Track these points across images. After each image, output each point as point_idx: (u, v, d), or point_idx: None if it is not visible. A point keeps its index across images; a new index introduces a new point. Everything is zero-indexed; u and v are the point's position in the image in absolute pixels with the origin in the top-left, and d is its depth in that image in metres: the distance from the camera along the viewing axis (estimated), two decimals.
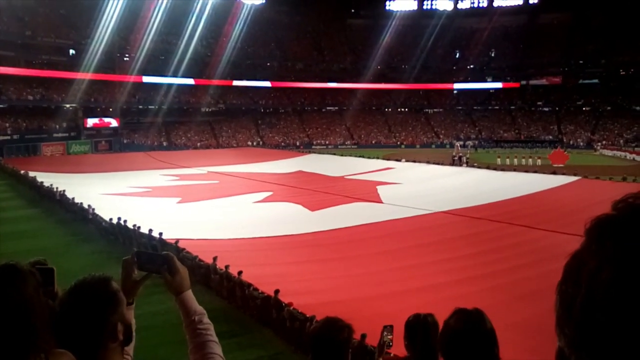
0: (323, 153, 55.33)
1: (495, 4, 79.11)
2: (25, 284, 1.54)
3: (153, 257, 2.06)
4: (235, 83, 71.63)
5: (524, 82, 76.26)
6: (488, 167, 37.85)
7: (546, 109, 74.50)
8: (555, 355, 0.74)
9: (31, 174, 33.83)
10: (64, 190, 26.52)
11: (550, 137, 67.89)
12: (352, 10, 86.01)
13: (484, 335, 1.81)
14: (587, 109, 71.42)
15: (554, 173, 33.13)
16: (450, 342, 1.82)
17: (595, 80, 71.70)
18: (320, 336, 2.25)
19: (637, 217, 0.66)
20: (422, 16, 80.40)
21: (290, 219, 21.85)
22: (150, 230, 17.66)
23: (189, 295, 2.03)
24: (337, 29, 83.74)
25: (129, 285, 2.02)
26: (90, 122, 59.25)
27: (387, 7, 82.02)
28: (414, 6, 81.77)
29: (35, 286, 1.57)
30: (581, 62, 73.34)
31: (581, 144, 64.38)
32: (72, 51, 60.45)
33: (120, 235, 19.56)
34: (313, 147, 67.19)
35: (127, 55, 63.99)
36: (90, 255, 18.24)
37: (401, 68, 78.83)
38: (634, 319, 0.60)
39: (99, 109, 61.44)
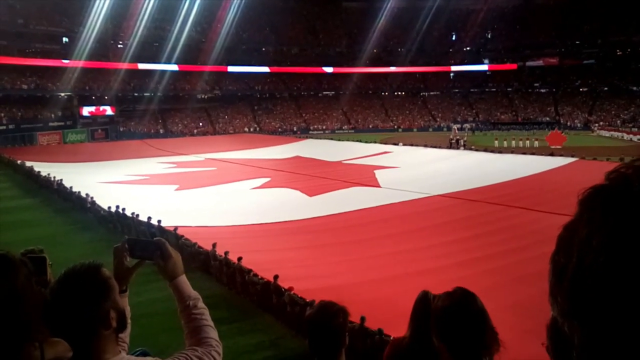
0: (320, 138, 55.25)
1: None
2: (17, 273, 1.54)
3: (145, 243, 2.06)
4: (230, 69, 71.25)
5: (520, 64, 75.90)
6: (486, 150, 37.88)
7: (543, 91, 74.35)
8: (548, 325, 0.75)
9: (28, 163, 33.75)
10: (61, 180, 26.49)
11: (548, 118, 67.84)
12: None
13: (474, 315, 1.82)
14: (584, 89, 71.24)
15: (552, 154, 33.16)
16: (440, 322, 1.84)
17: (592, 61, 71.42)
18: (316, 321, 2.26)
19: (628, 186, 0.67)
20: None
21: (289, 204, 21.86)
22: (149, 218, 17.67)
23: (183, 280, 2.03)
24: (332, 13, 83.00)
25: (121, 272, 2.02)
26: (86, 110, 59.00)
27: None
28: None
29: (27, 275, 1.58)
30: (578, 42, 73.02)
31: (578, 125, 64.37)
32: (65, 39, 59.96)
33: (119, 224, 19.58)
34: (310, 132, 67.05)
35: (120, 42, 63.50)
36: (89, 243, 18.25)
37: (397, 51, 78.36)
38: (623, 285, 0.60)
39: (94, 97, 61.14)
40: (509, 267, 13.13)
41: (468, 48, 78.84)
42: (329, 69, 76.81)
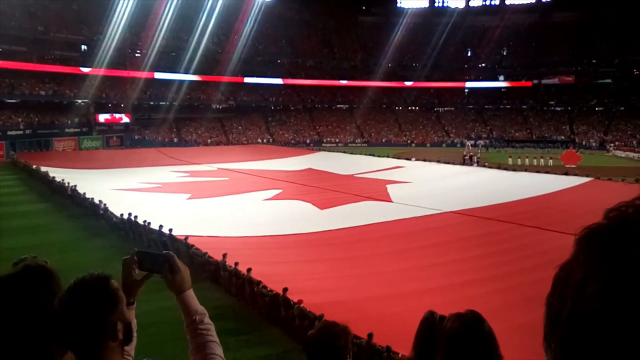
0: (333, 151, 55.28)
1: (507, 2, 78.61)
2: (58, 284, 1.64)
3: (154, 256, 2.06)
4: (247, 80, 71.81)
5: (536, 81, 75.65)
6: (499, 167, 37.61)
7: (558, 109, 73.95)
8: None
9: (43, 169, 34.12)
10: (75, 186, 26.74)
11: (563, 137, 67.35)
12: (363, 8, 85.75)
13: (482, 338, 1.80)
14: (600, 109, 70.75)
15: (566, 174, 32.88)
16: (448, 345, 1.82)
17: (609, 80, 71.01)
18: (317, 342, 2.24)
19: (628, 227, 0.62)
20: (434, 14, 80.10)
21: (300, 217, 21.85)
22: (161, 226, 17.75)
23: (190, 294, 2.03)
24: (348, 26, 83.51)
25: (129, 284, 2.02)
26: (102, 117, 59.67)
27: (399, 5, 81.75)
28: (425, 4, 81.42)
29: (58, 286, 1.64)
30: (594, 61, 72.66)
31: (594, 144, 63.82)
32: (84, 47, 60.87)
33: (131, 231, 19.69)
34: (323, 144, 67.17)
35: (138, 51, 64.29)
36: (101, 250, 18.37)
37: (412, 66, 78.52)
38: (619, 337, 0.57)
39: (110, 105, 61.88)
40: (519, 288, 12.96)
41: (483, 64, 78.80)
42: (343, 82, 77.08)
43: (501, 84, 78.53)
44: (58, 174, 31.45)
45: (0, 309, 1.52)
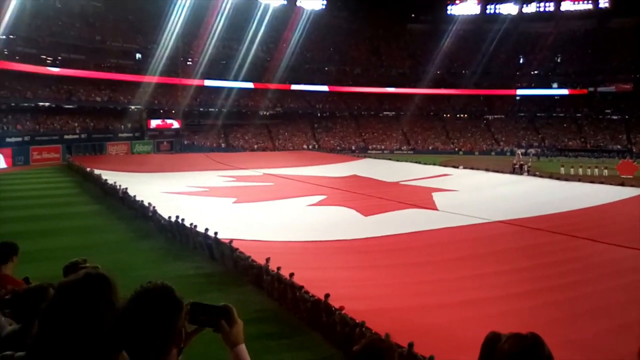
0: (378, 158, 54.99)
1: (562, 9, 76.37)
2: (115, 293, 1.67)
3: (209, 308, 1.96)
4: (294, 87, 72.48)
5: (591, 89, 73.09)
6: (551, 177, 36.39)
7: (615, 117, 71.16)
8: None
9: (96, 171, 35.37)
10: (126, 188, 27.56)
11: (619, 146, 64.64)
12: (413, 15, 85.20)
13: None
14: None
15: (622, 184, 31.50)
16: None
17: None
18: (362, 358, 2.20)
19: None
20: (485, 20, 78.72)
21: (343, 223, 21.79)
22: (206, 230, 18.06)
23: (243, 349, 2.00)
24: (397, 34, 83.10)
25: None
26: (154, 123, 61.48)
27: (449, 12, 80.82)
28: (476, 10, 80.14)
29: (116, 295, 1.68)
30: None
31: None
32: (138, 55, 63.03)
33: (178, 233, 20.12)
34: (369, 151, 66.95)
35: (190, 59, 66.06)
36: (149, 251, 18.85)
37: (461, 73, 77.30)
38: None
39: (162, 111, 63.76)
40: (570, 301, 12.49)
41: (536, 71, 76.77)
42: (390, 90, 76.66)
43: (555, 91, 76.18)
44: (110, 176, 32.53)
45: (61, 314, 1.57)
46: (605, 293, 13.01)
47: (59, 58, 56.29)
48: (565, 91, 74.85)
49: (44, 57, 55.29)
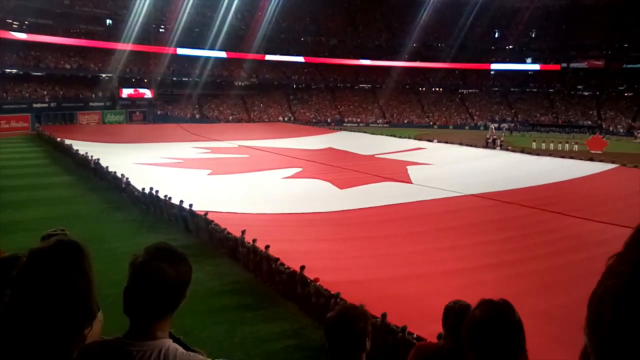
0: (354, 131, 55.04)
1: None
2: (88, 260, 1.66)
3: None
4: (268, 57, 71.45)
5: (564, 65, 73.87)
6: (523, 151, 37.04)
7: (586, 94, 72.28)
8: (581, 352, 0.73)
9: (67, 141, 34.64)
10: (98, 159, 27.11)
11: (589, 122, 65.90)
12: None
13: (511, 327, 1.75)
14: (629, 94, 68.92)
15: (591, 160, 32.27)
16: (475, 333, 1.77)
17: (639, 65, 69.03)
18: (336, 325, 2.22)
19: None
20: None
21: (319, 196, 21.89)
22: (181, 202, 17.93)
23: None
24: (373, 5, 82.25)
25: None
26: (126, 92, 60.15)
27: None
28: None
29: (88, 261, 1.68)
30: (625, 45, 70.55)
31: (621, 130, 62.36)
32: (109, 21, 61.21)
33: (152, 205, 19.95)
34: (344, 124, 66.87)
35: (163, 27, 64.40)
36: (123, 223, 18.67)
37: (437, 47, 77.22)
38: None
39: (134, 80, 62.31)
40: (539, 273, 12.86)
41: (511, 46, 77.12)
42: (366, 62, 76.26)
43: (528, 66, 76.84)
44: (82, 147, 31.93)
45: (34, 280, 1.56)
46: (573, 265, 13.41)
47: (26, 23, 54.26)
48: (538, 66, 75.57)
49: (10, 21, 53.21)
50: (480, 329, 1.75)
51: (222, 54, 67.18)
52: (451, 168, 29.85)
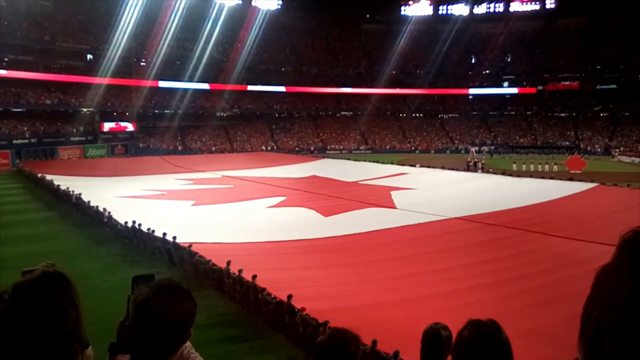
0: (337, 158, 55.28)
1: (511, 9, 78.75)
2: (75, 290, 1.63)
3: (146, 277, 1.98)
4: (250, 88, 72.01)
5: (540, 88, 75.60)
6: (504, 173, 37.55)
7: (563, 115, 73.82)
8: None
9: (48, 177, 34.22)
10: (80, 194, 26.77)
11: (567, 143, 67.22)
12: (367, 16, 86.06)
13: (499, 347, 1.75)
14: (605, 114, 70.59)
15: (571, 179, 32.73)
16: (463, 354, 1.77)
17: (613, 86, 70.91)
18: (327, 349, 2.20)
19: None
20: (438, 21, 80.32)
21: (304, 223, 21.82)
22: (164, 234, 17.73)
23: None
24: (352, 34, 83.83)
25: None
26: (107, 126, 59.91)
27: (403, 12, 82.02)
28: (429, 11, 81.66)
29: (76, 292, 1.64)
30: (599, 67, 72.59)
31: (599, 150, 63.62)
32: (89, 56, 61.22)
33: (135, 239, 19.68)
34: (327, 152, 67.26)
35: (143, 60, 64.65)
36: (105, 257, 18.37)
37: (416, 73, 78.63)
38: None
39: (115, 114, 62.12)
40: (526, 293, 12.90)
41: (487, 71, 78.84)
42: (347, 90, 77.18)
43: (505, 90, 78.48)
44: (63, 182, 31.54)
45: (20, 315, 1.51)
46: (559, 284, 13.48)
47: (6, 59, 54.01)
48: (515, 90, 77.19)
49: None
50: (468, 350, 1.75)
51: (204, 86, 67.55)
52: (434, 192, 30.04)
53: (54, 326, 1.52)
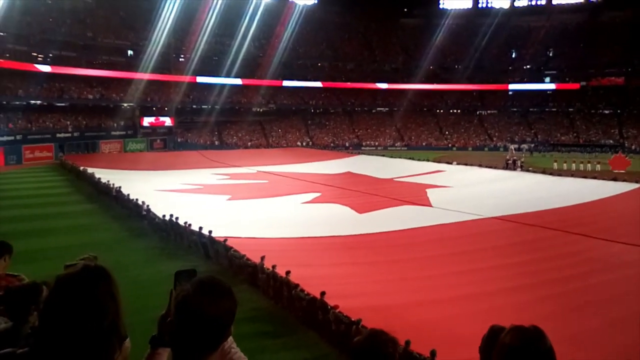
0: (372, 154, 55.03)
1: (554, 2, 76.59)
2: (115, 284, 1.67)
3: (188, 273, 1.95)
4: (285, 83, 72.31)
5: (583, 83, 73.29)
6: (544, 172, 36.62)
7: (607, 112, 71.43)
8: None
9: (89, 170, 35.19)
10: (120, 187, 27.43)
11: (611, 141, 65.03)
12: (405, 10, 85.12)
13: (543, 355, 1.69)
14: None
15: (615, 179, 31.70)
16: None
17: None
18: (364, 350, 2.17)
19: None
20: (477, 15, 78.76)
21: (338, 220, 21.79)
22: (200, 228, 17.99)
23: None
24: (389, 29, 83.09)
25: None
26: (147, 121, 61.22)
27: (441, 6, 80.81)
28: (468, 4, 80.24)
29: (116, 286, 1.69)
30: None
31: None
32: (130, 52, 62.65)
33: (172, 232, 20.04)
34: (362, 148, 66.97)
35: (182, 56, 65.76)
36: (144, 250, 18.76)
37: (454, 68, 77.40)
38: None
39: (154, 108, 63.44)
40: (566, 295, 12.57)
41: (528, 66, 76.96)
42: (383, 85, 76.63)
43: (547, 86, 76.36)
44: (104, 175, 32.37)
45: (62, 307, 1.55)
46: (597, 287, 13.10)
47: (50, 55, 55.79)
48: (556, 86, 75.03)
49: (35, 54, 54.78)
50: (511, 357, 1.70)
51: (241, 81, 68.19)
52: (471, 190, 29.55)
53: (94, 320, 1.55)
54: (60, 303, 1.56)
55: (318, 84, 74.69)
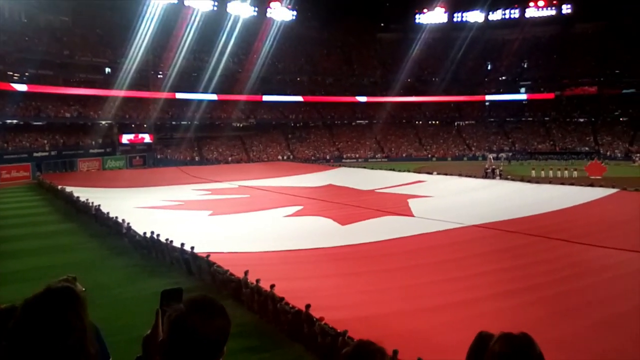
0: (353, 166, 55.21)
1: (527, 15, 78.25)
2: (81, 303, 1.67)
3: (175, 292, 1.96)
4: (265, 98, 72.46)
5: (558, 93, 74.82)
6: (522, 180, 37.07)
7: (582, 120, 72.94)
8: None
9: (68, 189, 34.65)
10: (99, 205, 27.05)
11: (587, 148, 66.30)
12: (382, 25, 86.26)
13: None
14: (625, 119, 69.62)
15: (591, 185, 32.25)
16: None
17: (632, 90, 69.85)
18: None
19: None
20: (452, 29, 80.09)
21: (321, 232, 21.76)
22: (182, 244, 17.80)
23: None
24: (367, 43, 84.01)
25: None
26: (125, 138, 60.66)
27: (417, 21, 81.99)
28: (444, 19, 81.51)
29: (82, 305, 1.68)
30: (617, 71, 71.62)
31: (619, 155, 62.69)
32: (107, 69, 62.26)
33: (153, 249, 19.79)
34: (343, 160, 67.22)
35: (160, 72, 65.53)
36: (124, 268, 18.49)
37: (431, 80, 78.39)
38: None
39: (133, 125, 62.96)
40: (548, 300, 12.68)
41: (504, 77, 78.39)
42: (362, 99, 77.22)
43: (522, 96, 77.81)
44: (82, 193, 31.90)
45: (26, 331, 1.56)
46: (579, 291, 13.25)
47: (27, 74, 55.19)
48: (532, 96, 76.45)
49: (11, 73, 54.15)
50: None
51: (219, 97, 68.08)
52: (452, 199, 29.80)
53: (58, 339, 1.54)
54: (24, 324, 1.57)
55: (298, 98, 75.00)
